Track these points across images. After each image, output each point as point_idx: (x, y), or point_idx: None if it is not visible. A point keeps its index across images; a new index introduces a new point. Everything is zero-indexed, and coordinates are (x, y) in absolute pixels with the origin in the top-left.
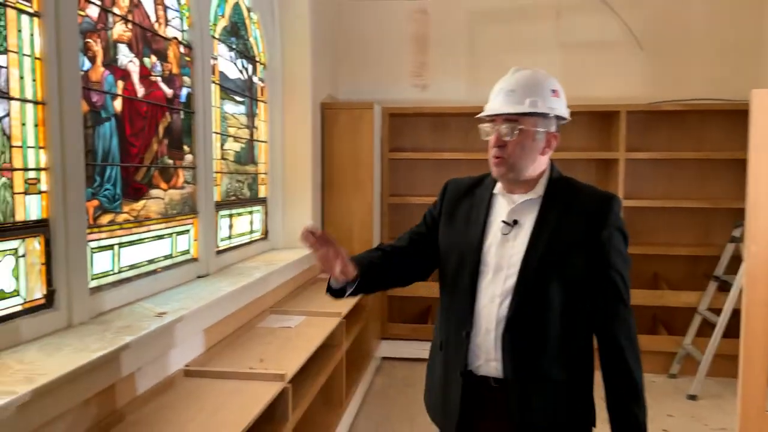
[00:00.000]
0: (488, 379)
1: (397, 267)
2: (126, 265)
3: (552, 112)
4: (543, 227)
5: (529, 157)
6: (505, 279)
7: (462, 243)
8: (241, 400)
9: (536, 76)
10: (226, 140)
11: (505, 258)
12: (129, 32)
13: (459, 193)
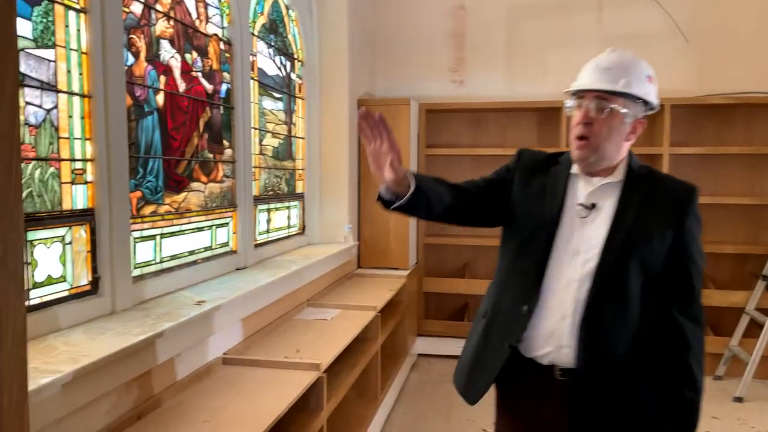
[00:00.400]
0: (554, 368)
1: (457, 201)
2: (167, 256)
3: (645, 97)
4: (625, 212)
5: (614, 141)
6: (583, 263)
7: (535, 217)
8: (276, 388)
9: (633, 59)
10: (264, 136)
11: (583, 242)
12: (171, 28)
13: (534, 164)
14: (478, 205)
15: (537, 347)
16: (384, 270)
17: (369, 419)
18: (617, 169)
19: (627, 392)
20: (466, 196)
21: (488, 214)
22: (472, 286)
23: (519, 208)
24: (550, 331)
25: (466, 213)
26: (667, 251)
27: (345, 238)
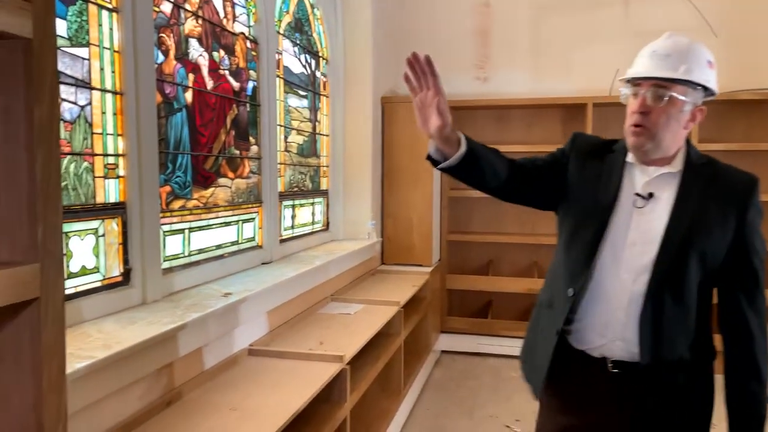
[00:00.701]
0: (606, 360)
1: (513, 176)
2: (195, 249)
3: (706, 84)
4: (685, 204)
5: (672, 129)
6: (640, 254)
7: (590, 203)
8: (301, 379)
9: (692, 43)
10: (289, 133)
11: (640, 232)
12: (199, 27)
13: (589, 148)
14: (534, 182)
15: (589, 339)
16: (407, 266)
17: (392, 413)
18: (676, 159)
19: (686, 386)
20: (523, 172)
21: (543, 195)
22: (495, 284)
23: (573, 192)
24: (603, 323)
25: (521, 190)
26: (729, 244)
27: (368, 234)
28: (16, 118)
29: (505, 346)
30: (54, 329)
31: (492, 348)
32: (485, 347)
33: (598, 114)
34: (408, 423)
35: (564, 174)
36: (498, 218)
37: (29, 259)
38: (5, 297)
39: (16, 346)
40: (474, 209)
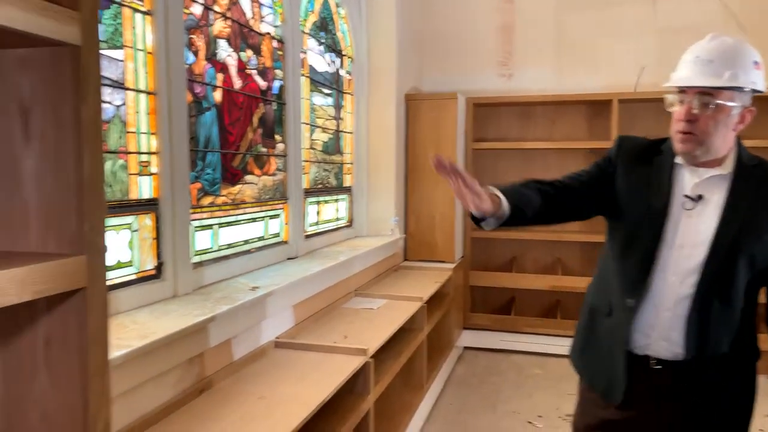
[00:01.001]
0: (648, 359)
1: (549, 204)
2: (224, 244)
3: (753, 86)
4: (735, 206)
5: (721, 134)
6: (688, 257)
7: (642, 209)
8: (326, 371)
9: (737, 46)
10: (314, 131)
11: (689, 235)
12: (228, 28)
13: (636, 152)
14: (581, 200)
15: (633, 339)
16: (430, 263)
17: (415, 407)
18: (726, 160)
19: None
20: (568, 194)
21: (587, 209)
22: (518, 281)
23: (623, 200)
24: (649, 323)
25: (564, 213)
26: None
27: (392, 230)
28: (65, 118)
29: (529, 343)
30: (98, 317)
31: (515, 345)
32: (508, 344)
33: (624, 110)
34: (431, 417)
35: (612, 184)
36: None
37: (76, 251)
38: (54, 286)
39: (63, 332)
40: None
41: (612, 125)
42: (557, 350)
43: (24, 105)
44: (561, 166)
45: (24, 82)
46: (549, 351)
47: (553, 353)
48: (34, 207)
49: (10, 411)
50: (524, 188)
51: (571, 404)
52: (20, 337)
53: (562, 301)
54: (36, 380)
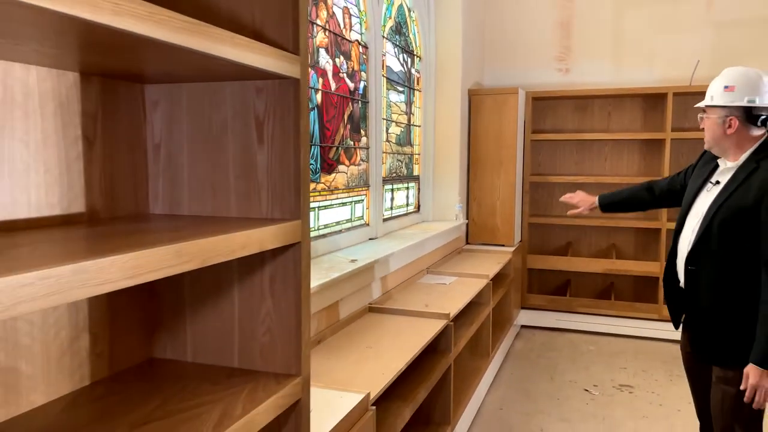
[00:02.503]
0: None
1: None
2: (322, 225)
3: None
4: (728, 188)
5: (715, 136)
6: (697, 221)
7: (687, 194)
8: (415, 330)
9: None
10: (390, 125)
11: (703, 206)
12: (326, 38)
13: (706, 158)
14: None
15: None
16: (491, 246)
17: (482, 372)
18: (744, 154)
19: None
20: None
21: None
22: (574, 264)
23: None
24: (679, 270)
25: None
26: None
27: (456, 216)
28: (288, 128)
29: (583, 323)
30: (306, 262)
31: (570, 324)
32: (563, 323)
33: (679, 103)
34: (494, 383)
35: None
36: None
37: (294, 217)
38: (281, 240)
39: (284, 272)
40: (555, 194)
41: (667, 118)
42: (611, 329)
43: (259, 119)
44: (616, 156)
45: (259, 103)
46: (603, 330)
47: (606, 332)
48: (265, 188)
49: (244, 326)
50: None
51: (624, 377)
52: (253, 275)
53: (615, 283)
54: (263, 305)
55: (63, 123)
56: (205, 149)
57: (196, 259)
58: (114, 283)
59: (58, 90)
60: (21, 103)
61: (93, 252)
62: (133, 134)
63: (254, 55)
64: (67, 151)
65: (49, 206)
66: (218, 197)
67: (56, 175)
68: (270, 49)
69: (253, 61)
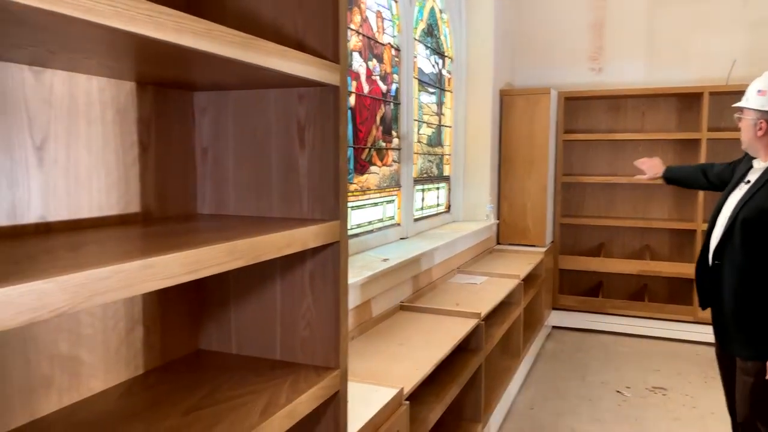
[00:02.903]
0: None
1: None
2: (355, 224)
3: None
4: (755, 186)
5: (748, 137)
6: (727, 216)
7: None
8: (447, 329)
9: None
10: (421, 126)
11: (734, 202)
12: (360, 42)
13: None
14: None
15: None
16: (522, 246)
17: (513, 371)
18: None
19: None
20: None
21: None
22: (607, 265)
23: None
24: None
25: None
26: None
27: (487, 216)
28: (328, 133)
29: (615, 324)
30: (344, 260)
31: (602, 325)
32: (595, 324)
33: (715, 102)
34: (526, 382)
35: None
36: (610, 203)
37: (333, 218)
38: (321, 240)
39: (323, 269)
40: (586, 194)
41: (702, 117)
42: (644, 331)
43: (301, 124)
44: (650, 155)
45: (301, 109)
46: (636, 332)
47: (639, 334)
48: (306, 189)
49: (285, 320)
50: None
51: (658, 379)
52: (294, 272)
53: (649, 285)
54: (304, 300)
55: (121, 130)
56: (249, 153)
57: (247, 256)
58: (177, 278)
59: (117, 99)
60: (84, 111)
61: (155, 249)
62: (183, 139)
63: (299, 65)
64: (125, 155)
65: (109, 206)
66: (261, 198)
67: (115, 179)
68: (313, 59)
69: (297, 70)
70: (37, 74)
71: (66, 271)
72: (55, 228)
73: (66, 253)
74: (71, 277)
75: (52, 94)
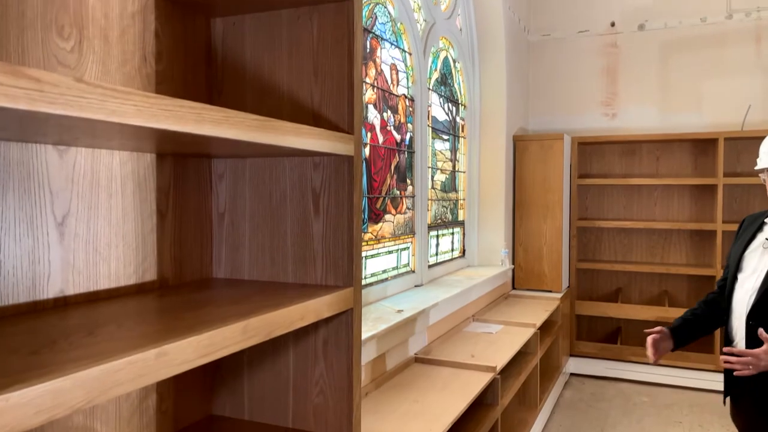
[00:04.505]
0: None
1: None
2: (369, 273)
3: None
4: None
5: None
6: (756, 278)
7: (733, 255)
8: (462, 383)
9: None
10: (435, 172)
11: (761, 264)
12: (375, 95)
13: (747, 224)
14: None
15: (730, 339)
16: (538, 292)
17: (530, 424)
18: None
19: None
20: None
21: None
22: (625, 311)
23: (730, 258)
24: (735, 327)
25: None
26: None
27: (502, 261)
28: (342, 200)
29: (635, 372)
30: (357, 326)
31: (621, 373)
32: (614, 372)
33: (730, 148)
34: None
35: None
36: (626, 247)
37: (347, 284)
38: (335, 309)
39: (336, 337)
40: (603, 238)
41: (718, 162)
42: (664, 380)
43: (316, 191)
44: (666, 201)
45: (316, 177)
46: (656, 381)
47: (660, 383)
48: (320, 255)
49: (298, 387)
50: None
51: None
52: (307, 339)
53: None
54: (317, 367)
55: (140, 199)
56: (265, 218)
57: (260, 333)
58: (191, 362)
59: (137, 171)
60: (105, 185)
61: (170, 330)
62: (200, 204)
63: (313, 140)
64: (143, 224)
65: (126, 276)
66: (276, 263)
67: (133, 248)
68: (327, 133)
69: (312, 145)
70: (61, 153)
71: (82, 366)
72: (72, 302)
73: (83, 339)
74: (88, 372)
75: (74, 171)
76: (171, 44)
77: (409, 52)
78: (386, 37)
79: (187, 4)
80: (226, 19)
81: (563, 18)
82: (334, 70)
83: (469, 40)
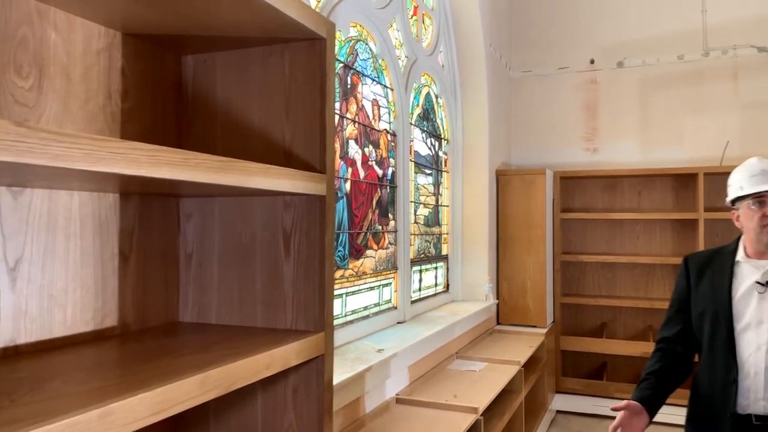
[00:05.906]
0: (751, 416)
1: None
2: (349, 310)
3: None
4: None
5: None
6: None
7: (713, 305)
8: (443, 426)
9: None
10: (418, 207)
11: (764, 313)
12: (356, 130)
13: (700, 264)
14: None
15: (739, 401)
16: (522, 327)
17: None
18: None
19: None
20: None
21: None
22: (610, 346)
23: (697, 309)
24: (747, 387)
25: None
26: None
27: (486, 296)
28: (313, 241)
29: None
30: (329, 373)
31: (608, 410)
32: (601, 409)
33: (710, 183)
34: None
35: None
36: (610, 281)
37: (318, 329)
38: (304, 356)
39: (306, 384)
40: (586, 273)
41: (699, 198)
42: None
43: (286, 232)
44: (648, 235)
45: (287, 217)
46: None
47: None
48: (291, 299)
49: None
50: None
51: None
52: (276, 386)
53: None
54: (285, 416)
55: (101, 242)
56: (234, 260)
57: (220, 386)
58: (141, 421)
59: (97, 212)
60: (63, 227)
61: (122, 384)
62: (167, 245)
63: (283, 180)
64: (104, 268)
65: (84, 323)
66: (245, 306)
67: (92, 293)
68: (298, 173)
69: (281, 186)
70: (15, 194)
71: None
72: (24, 351)
73: (24, 396)
74: None
75: (30, 213)
76: (139, 81)
77: (390, 88)
78: (367, 73)
79: (156, 42)
80: (197, 56)
81: (544, 55)
82: (306, 109)
83: (451, 76)
